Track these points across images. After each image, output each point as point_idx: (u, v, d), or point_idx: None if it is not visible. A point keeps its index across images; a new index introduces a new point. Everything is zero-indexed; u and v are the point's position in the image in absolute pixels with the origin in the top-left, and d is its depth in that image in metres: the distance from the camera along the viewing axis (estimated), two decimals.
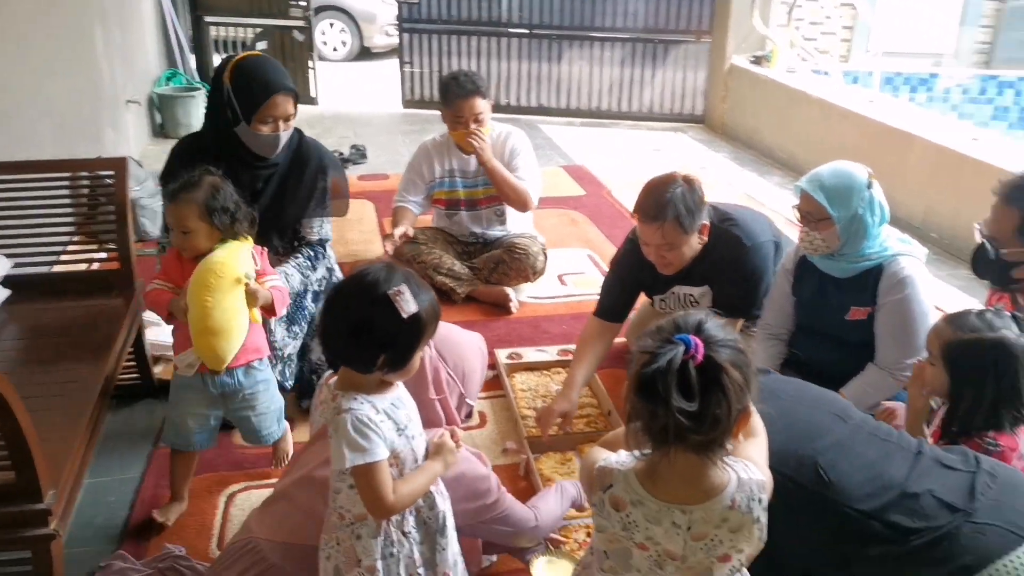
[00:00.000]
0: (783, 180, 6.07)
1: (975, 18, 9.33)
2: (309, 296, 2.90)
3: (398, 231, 3.70)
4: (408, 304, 1.57)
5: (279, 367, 2.75)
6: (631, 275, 2.98)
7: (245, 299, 2.22)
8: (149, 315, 3.32)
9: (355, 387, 1.62)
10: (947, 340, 2.02)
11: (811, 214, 2.50)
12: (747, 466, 1.40)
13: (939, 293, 2.63)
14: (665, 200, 2.63)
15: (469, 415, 2.16)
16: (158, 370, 3.16)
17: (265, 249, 2.41)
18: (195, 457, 2.48)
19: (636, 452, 1.41)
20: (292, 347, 2.83)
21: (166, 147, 6.28)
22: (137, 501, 2.51)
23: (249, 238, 2.32)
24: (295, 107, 2.73)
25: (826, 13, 8.96)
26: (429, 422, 1.98)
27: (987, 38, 9.31)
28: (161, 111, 6.69)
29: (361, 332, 1.58)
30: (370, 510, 1.62)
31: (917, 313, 2.44)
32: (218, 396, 2.33)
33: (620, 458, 1.45)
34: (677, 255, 2.74)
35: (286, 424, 2.57)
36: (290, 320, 2.80)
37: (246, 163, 2.74)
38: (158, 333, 3.30)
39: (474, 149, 3.72)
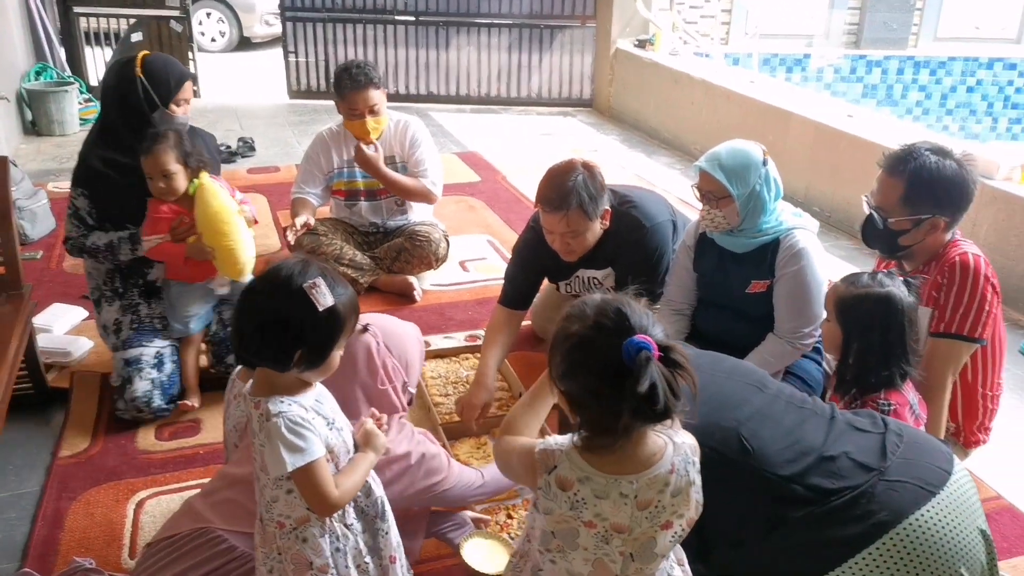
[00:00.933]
0: (671, 160, 6.25)
1: (843, 1, 9.79)
2: None
3: (299, 220, 3.64)
4: (324, 297, 1.55)
5: None
6: (534, 262, 3.01)
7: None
8: (39, 321, 3.18)
9: (275, 390, 1.59)
10: (840, 295, 2.20)
11: (712, 193, 2.58)
12: (675, 431, 1.45)
13: (829, 264, 2.77)
14: (568, 188, 2.65)
15: (410, 402, 2.20)
16: (51, 377, 3.02)
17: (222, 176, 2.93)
18: (197, 344, 2.96)
19: (573, 436, 1.43)
20: None
21: (39, 145, 6.08)
22: (39, 515, 2.40)
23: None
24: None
25: None
26: (384, 411, 1.99)
27: (855, 19, 9.77)
28: (32, 107, 6.33)
29: (276, 327, 1.55)
30: (316, 509, 1.60)
31: (812, 283, 2.56)
32: (219, 297, 2.97)
33: (558, 440, 1.47)
34: (581, 242, 2.77)
35: None
36: None
37: None
38: (49, 339, 3.17)
39: (365, 167, 3.71)
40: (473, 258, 4.31)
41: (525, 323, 3.47)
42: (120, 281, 2.96)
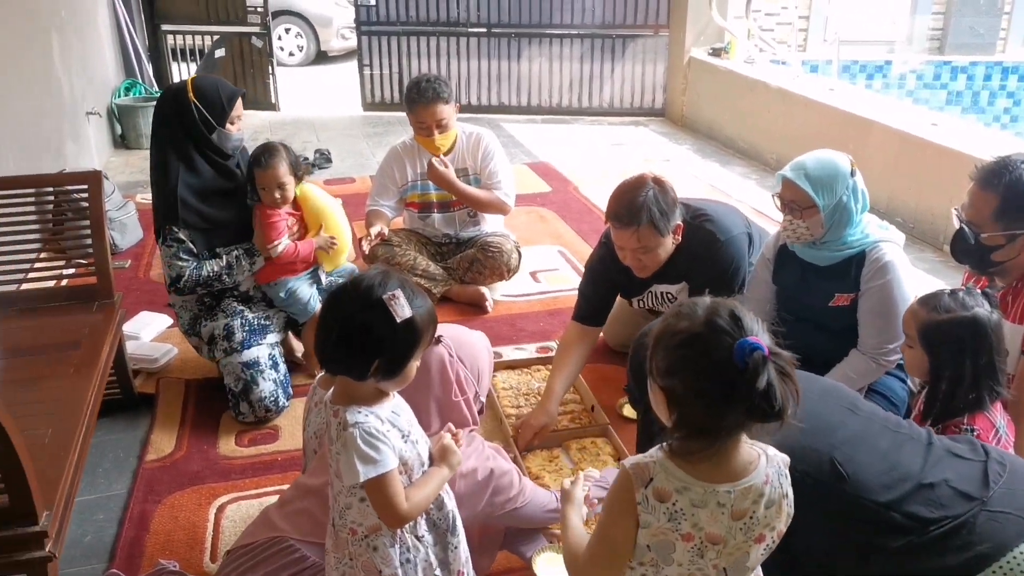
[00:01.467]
0: (746, 170, 6.16)
1: (926, 5, 9.53)
2: None
3: (373, 230, 3.70)
4: (402, 309, 1.57)
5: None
6: (607, 279, 2.98)
7: None
8: (127, 328, 3.30)
9: (353, 399, 1.62)
10: (923, 321, 2.08)
11: (796, 203, 2.52)
12: (765, 446, 1.43)
13: (915, 278, 2.68)
14: (638, 204, 2.62)
15: (481, 411, 2.23)
16: (138, 383, 3.13)
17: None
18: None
19: (663, 445, 1.41)
20: None
21: (128, 158, 6.32)
22: (126, 518, 2.49)
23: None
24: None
25: (783, 3, 9.09)
26: (457, 423, 2.01)
27: (939, 24, 9.50)
28: (121, 122, 6.59)
29: (355, 337, 1.59)
30: (385, 520, 1.63)
31: (898, 298, 2.49)
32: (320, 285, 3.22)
33: (647, 453, 1.43)
34: (653, 258, 2.74)
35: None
36: None
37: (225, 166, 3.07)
38: (137, 346, 3.28)
39: (439, 183, 3.76)
40: (544, 269, 4.32)
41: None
42: (212, 299, 3.08)
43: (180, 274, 2.93)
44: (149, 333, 3.48)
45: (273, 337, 3.09)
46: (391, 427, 1.63)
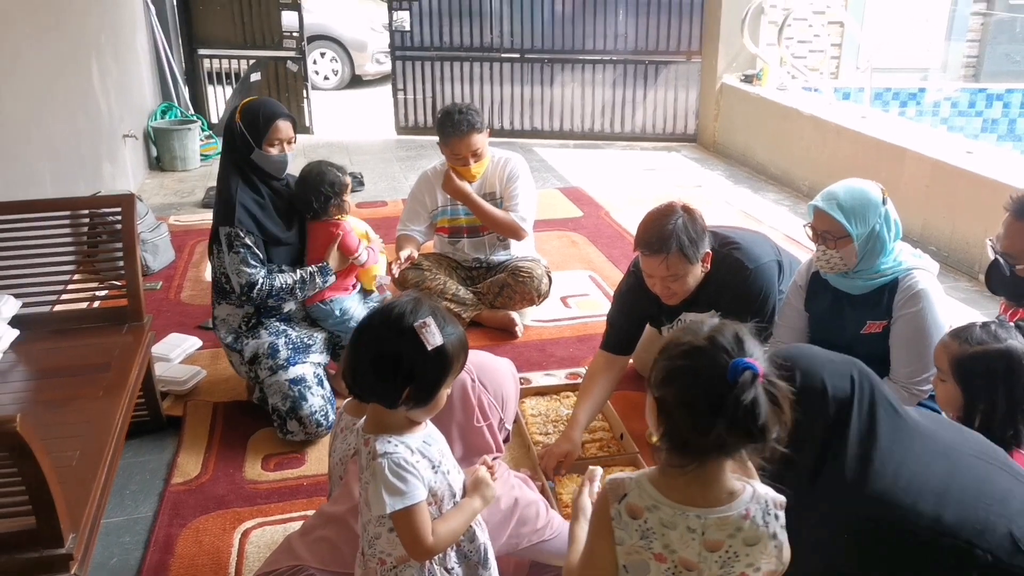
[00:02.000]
0: (778, 196, 6.11)
1: (961, 32, 9.45)
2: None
3: (403, 254, 3.71)
4: (433, 336, 1.57)
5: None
6: (636, 308, 2.96)
7: None
8: (157, 350, 3.32)
9: (385, 428, 1.62)
10: (955, 354, 2.04)
11: (829, 233, 2.50)
12: (763, 485, 1.41)
13: (949, 307, 2.63)
14: (668, 232, 2.61)
15: (507, 439, 2.20)
16: (166, 405, 3.15)
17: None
18: None
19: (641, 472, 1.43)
20: None
21: (163, 180, 6.41)
22: (151, 541, 2.49)
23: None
24: (294, 132, 3.11)
25: (815, 31, 9.06)
26: (479, 449, 1.99)
27: (974, 52, 9.42)
28: (157, 144, 6.70)
29: (386, 364, 1.58)
30: (410, 552, 1.61)
31: (932, 327, 2.44)
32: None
33: (629, 472, 1.46)
34: (682, 285, 2.71)
35: None
36: None
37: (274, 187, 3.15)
38: (166, 368, 3.30)
39: (455, 195, 3.77)
40: (575, 294, 4.30)
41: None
42: (258, 317, 3.10)
43: (252, 281, 2.95)
44: (178, 355, 3.50)
45: (317, 357, 3.10)
46: (421, 457, 1.62)
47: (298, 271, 3.06)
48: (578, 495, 1.70)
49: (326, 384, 3.05)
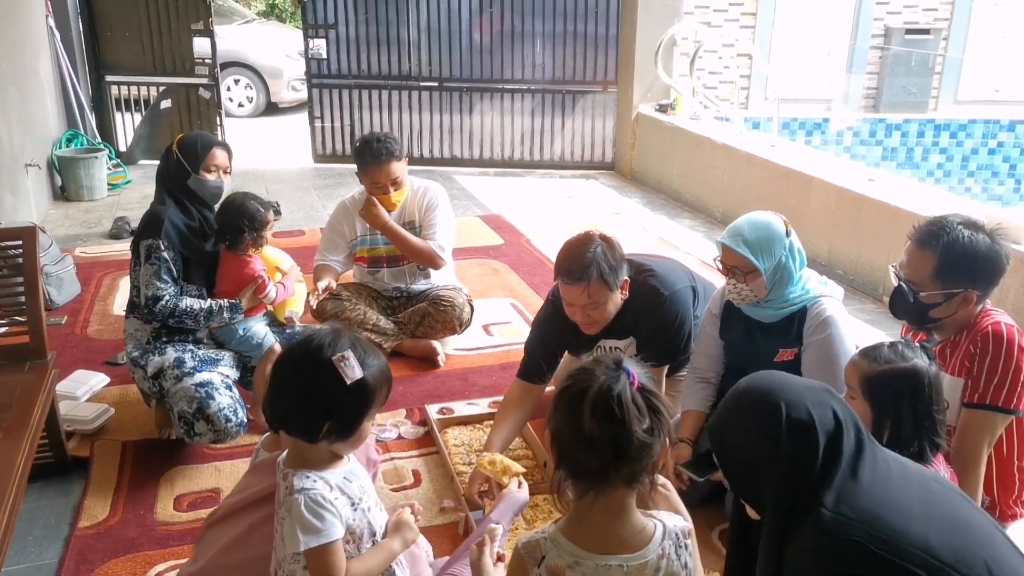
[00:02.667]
0: (694, 223, 6.26)
1: (861, 65, 9.89)
2: None
3: (321, 284, 3.65)
4: (353, 370, 1.54)
5: None
6: (553, 336, 2.97)
7: None
8: (62, 387, 3.18)
9: (305, 463, 1.58)
10: (864, 372, 2.10)
11: (738, 268, 2.56)
12: (668, 515, 1.43)
13: (855, 330, 2.72)
14: (587, 260, 2.63)
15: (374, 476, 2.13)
16: (72, 445, 3.01)
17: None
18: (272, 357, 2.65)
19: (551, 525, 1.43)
20: None
21: (68, 211, 6.19)
22: None
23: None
24: (230, 162, 3.17)
25: (724, 63, 9.36)
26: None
27: (873, 83, 9.87)
28: (62, 174, 6.46)
29: (305, 398, 1.55)
30: None
31: (840, 351, 2.52)
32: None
33: (540, 530, 1.46)
34: (602, 313, 2.74)
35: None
36: None
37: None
38: (72, 406, 3.16)
39: (373, 223, 3.74)
40: (497, 322, 4.30)
41: (549, 388, 3.44)
42: (167, 335, 3.06)
43: (159, 296, 2.93)
44: (85, 392, 3.36)
45: (225, 369, 3.06)
46: (340, 494, 1.58)
47: (208, 301, 3.06)
48: (478, 557, 1.65)
49: (235, 390, 2.97)
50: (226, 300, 3.09)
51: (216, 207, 3.15)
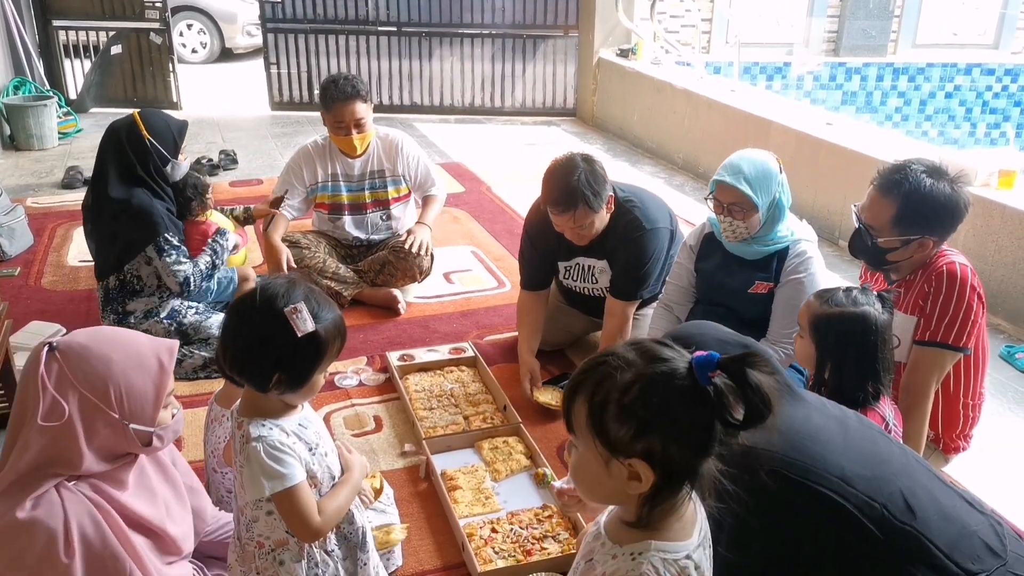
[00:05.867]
0: (655, 169, 6.27)
1: (822, 8, 9.87)
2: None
3: (282, 258, 3.59)
4: (304, 323, 1.53)
5: None
6: (542, 244, 3.13)
7: None
8: (17, 340, 3.15)
9: (259, 412, 1.58)
10: (815, 313, 2.15)
11: (736, 204, 2.61)
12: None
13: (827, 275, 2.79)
14: (572, 188, 2.75)
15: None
16: None
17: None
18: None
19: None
20: None
21: (18, 160, 6.04)
22: None
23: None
24: None
25: (686, 6, 9.29)
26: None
27: (834, 27, 9.87)
28: (10, 122, 6.28)
29: (256, 348, 1.54)
30: (298, 534, 1.59)
31: (812, 291, 2.58)
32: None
33: (629, 552, 1.22)
34: (590, 230, 2.90)
35: None
36: None
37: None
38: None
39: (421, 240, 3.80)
40: (458, 270, 4.30)
41: (511, 334, 3.49)
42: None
43: (186, 277, 3.17)
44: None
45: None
46: (297, 439, 1.59)
47: (206, 251, 3.31)
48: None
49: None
50: (211, 239, 3.33)
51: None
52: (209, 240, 3.33)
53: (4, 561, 1.55)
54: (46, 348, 1.59)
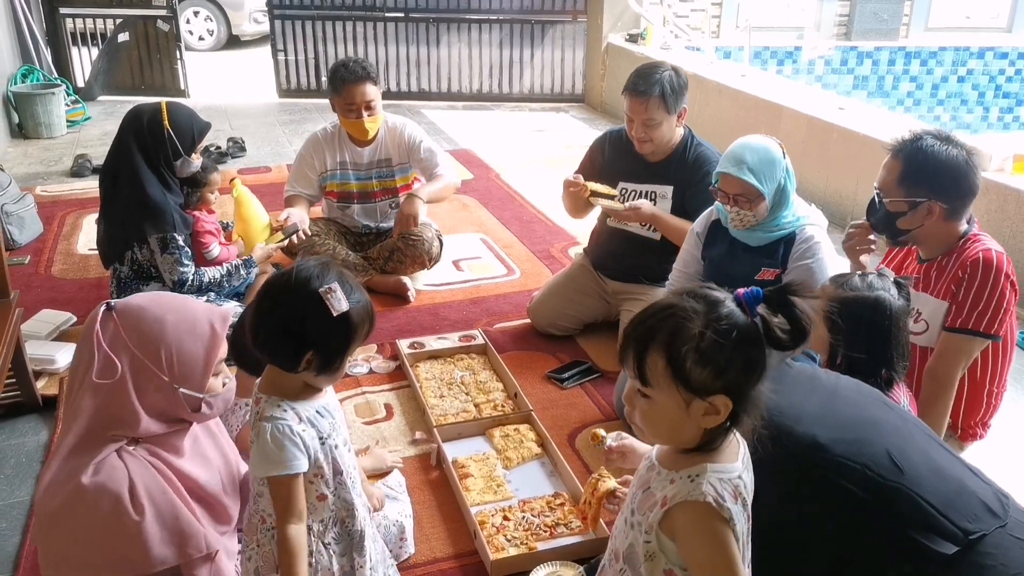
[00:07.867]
0: None
1: None
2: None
3: (289, 225, 3.60)
4: (339, 303, 1.54)
5: None
6: (613, 155, 3.32)
7: None
8: (27, 328, 3.15)
9: (279, 391, 1.59)
10: (829, 296, 2.13)
11: (742, 195, 2.59)
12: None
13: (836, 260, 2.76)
14: (654, 79, 2.98)
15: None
16: (40, 385, 2.99)
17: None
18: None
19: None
20: None
21: (27, 148, 6.04)
22: (30, 525, 2.37)
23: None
24: None
25: None
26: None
27: (845, 11, 9.77)
28: (18, 110, 6.28)
29: (290, 328, 1.55)
30: (277, 519, 1.61)
31: (821, 278, 2.56)
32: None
33: (694, 480, 1.33)
34: (657, 133, 3.06)
35: None
36: None
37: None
38: (38, 347, 3.13)
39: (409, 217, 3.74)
40: (467, 257, 4.28)
41: (523, 321, 3.48)
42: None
43: (183, 280, 3.17)
44: (51, 332, 3.32)
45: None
46: (309, 426, 1.59)
47: (224, 266, 3.31)
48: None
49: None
50: (239, 259, 3.37)
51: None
52: (236, 261, 3.36)
53: (75, 525, 1.62)
54: (103, 307, 1.69)
